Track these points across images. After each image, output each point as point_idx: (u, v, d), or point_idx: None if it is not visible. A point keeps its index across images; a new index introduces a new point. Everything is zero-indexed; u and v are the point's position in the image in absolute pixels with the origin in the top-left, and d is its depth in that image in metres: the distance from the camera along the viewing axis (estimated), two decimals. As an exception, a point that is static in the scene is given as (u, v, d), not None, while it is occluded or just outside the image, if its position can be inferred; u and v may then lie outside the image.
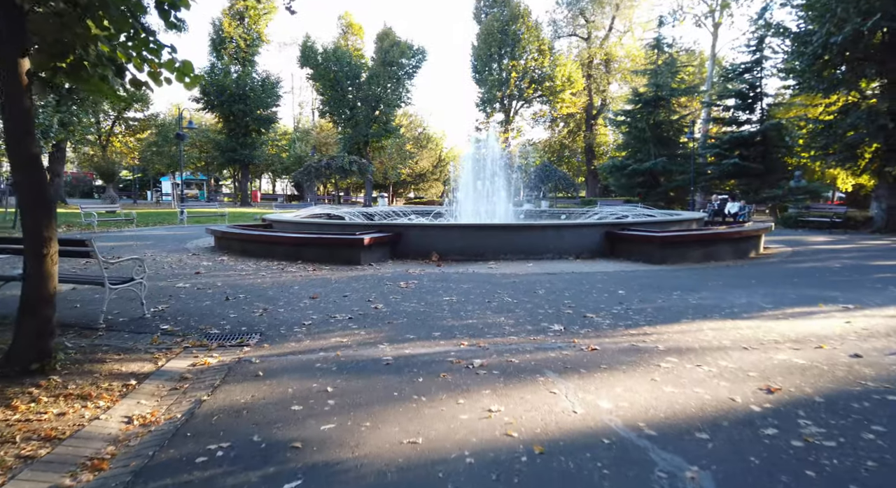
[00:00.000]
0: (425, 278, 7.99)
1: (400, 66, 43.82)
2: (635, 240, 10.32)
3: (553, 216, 19.44)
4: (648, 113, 28.34)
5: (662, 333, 4.87)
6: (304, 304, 6.04)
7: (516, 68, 45.13)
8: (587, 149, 51.71)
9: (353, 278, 7.95)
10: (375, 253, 9.92)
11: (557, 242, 10.62)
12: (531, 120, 52.64)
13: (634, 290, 7.09)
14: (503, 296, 6.63)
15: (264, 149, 47.81)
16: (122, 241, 13.52)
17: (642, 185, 28.57)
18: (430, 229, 10.53)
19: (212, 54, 44.35)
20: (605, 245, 10.84)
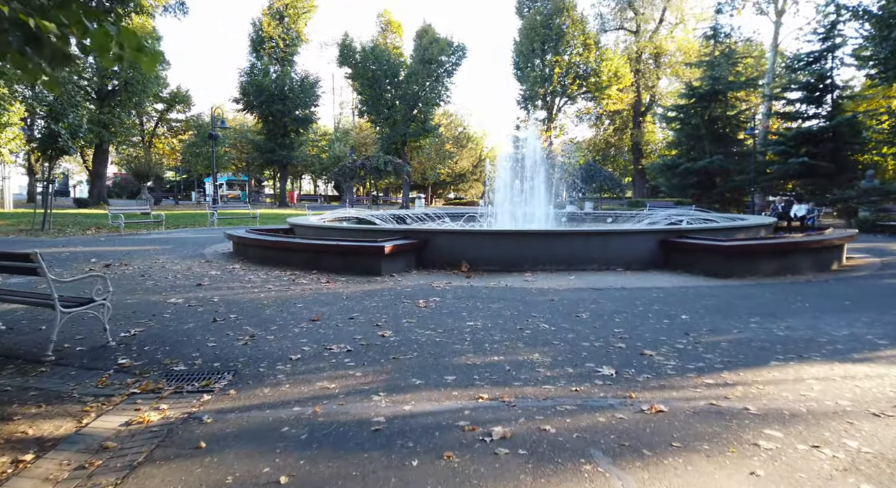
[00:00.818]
0: (449, 294, 6.98)
1: (439, 64, 42.99)
2: (696, 249, 9.03)
3: (598, 219, 18.15)
4: (703, 108, 26.49)
5: (749, 384, 3.70)
6: (300, 329, 5.13)
7: (560, 64, 43.60)
8: (634, 148, 49.62)
9: (367, 293, 7.02)
10: (398, 262, 8.99)
11: (603, 251, 9.43)
12: (575, 117, 50.96)
13: (700, 314, 5.88)
14: (539, 320, 5.55)
15: (303, 150, 47.79)
16: (140, 245, 13.06)
17: (696, 186, 26.72)
18: (459, 236, 9.53)
19: (251, 54, 44.64)
20: (659, 254, 9.58)
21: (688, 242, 9.15)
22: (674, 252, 9.50)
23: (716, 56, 27.35)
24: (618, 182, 29.05)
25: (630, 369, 4.03)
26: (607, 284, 7.89)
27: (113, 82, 36.24)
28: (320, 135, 65.88)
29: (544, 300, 6.65)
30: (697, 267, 9.01)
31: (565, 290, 7.39)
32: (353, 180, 33.63)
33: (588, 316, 5.78)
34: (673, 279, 8.44)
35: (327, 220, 14.18)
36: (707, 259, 8.84)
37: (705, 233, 9.87)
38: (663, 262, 9.59)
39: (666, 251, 9.58)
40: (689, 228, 10.13)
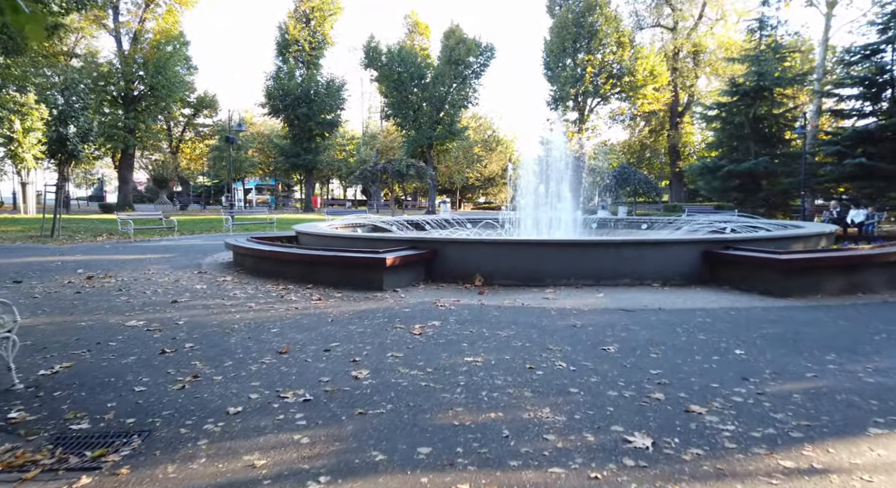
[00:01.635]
0: (453, 317, 6.00)
1: (466, 65, 42.14)
2: (746, 262, 7.83)
3: (631, 226, 16.92)
4: (747, 105, 24.89)
5: (848, 470, 2.62)
6: (258, 366, 4.22)
7: (592, 63, 42.22)
8: (671, 150, 47.75)
9: (358, 314, 6.10)
10: (403, 275, 8.06)
11: (637, 264, 8.31)
12: (608, 118, 49.37)
13: (759, 348, 4.77)
14: (555, 355, 4.53)
15: (328, 154, 47.51)
16: (142, 253, 12.48)
17: (739, 189, 25.11)
18: (472, 246, 8.54)
19: (277, 58, 44.60)
20: (703, 268, 8.41)
21: (737, 254, 7.96)
22: (720, 265, 8.33)
23: (761, 50, 25.71)
24: (653, 185, 27.60)
25: (672, 437, 2.98)
26: (641, 304, 6.79)
27: (139, 87, 36.54)
28: (348, 139, 65.82)
29: (564, 326, 5.61)
30: (748, 283, 7.82)
31: (591, 312, 6.33)
32: (374, 184, 32.96)
33: (617, 349, 4.73)
34: (720, 298, 7.28)
35: (339, 227, 13.39)
36: (760, 274, 7.64)
37: (756, 244, 8.64)
38: (707, 277, 8.42)
39: (710, 264, 8.41)
40: (737, 238, 8.91)
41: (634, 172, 27.36)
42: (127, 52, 35.81)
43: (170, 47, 39.45)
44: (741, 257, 7.88)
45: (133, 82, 35.83)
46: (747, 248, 8.20)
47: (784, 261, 7.22)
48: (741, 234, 9.97)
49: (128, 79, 35.27)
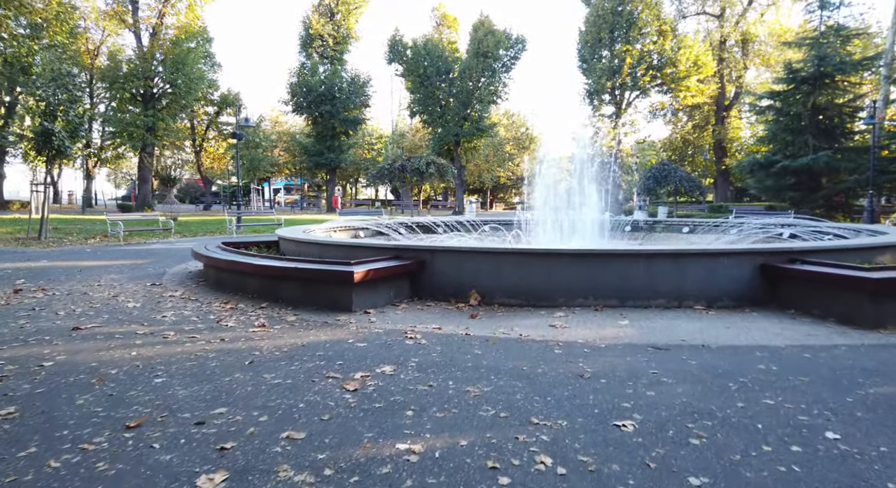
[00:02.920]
0: (417, 358, 4.48)
1: (495, 58, 40.49)
2: (820, 280, 6.08)
3: (670, 229, 15.08)
4: (805, 94, 22.56)
5: None
6: (64, 462, 2.80)
7: (630, 53, 39.97)
8: (717, 146, 44.99)
9: (293, 352, 4.65)
10: (380, 292, 6.60)
11: (675, 280, 6.64)
12: (648, 113, 46.84)
13: (864, 425, 3.12)
14: (539, 441, 2.97)
15: (352, 153, 46.58)
16: (113, 259, 11.40)
17: (794, 188, 22.79)
18: (468, 256, 7.00)
19: (301, 53, 43.91)
20: (759, 285, 6.68)
21: (807, 270, 6.19)
22: (782, 283, 6.58)
23: (822, 31, 23.31)
24: (697, 184, 25.41)
25: None
26: (678, 338, 5.16)
27: (158, 85, 36.24)
28: (376, 138, 65.01)
29: (567, 376, 4.04)
30: (822, 307, 6.08)
31: (608, 350, 4.74)
32: (392, 183, 31.73)
33: (638, 425, 3.15)
34: (785, 329, 5.57)
35: (337, 231, 12.09)
36: (839, 296, 5.89)
37: (830, 255, 6.83)
38: (765, 297, 6.69)
39: (770, 281, 6.67)
40: (805, 247, 7.09)
41: (675, 169, 25.23)
42: (146, 49, 35.53)
43: (192, 43, 39.14)
44: (813, 274, 6.11)
45: (152, 79, 35.52)
46: (820, 262, 6.42)
47: (877, 281, 5.44)
48: (809, 243, 8.12)
49: (146, 76, 34.96)
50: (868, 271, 5.74)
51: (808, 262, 6.52)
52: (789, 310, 6.41)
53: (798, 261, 6.62)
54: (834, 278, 5.89)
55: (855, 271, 5.83)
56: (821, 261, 6.43)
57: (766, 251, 6.81)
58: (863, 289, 5.60)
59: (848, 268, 6.01)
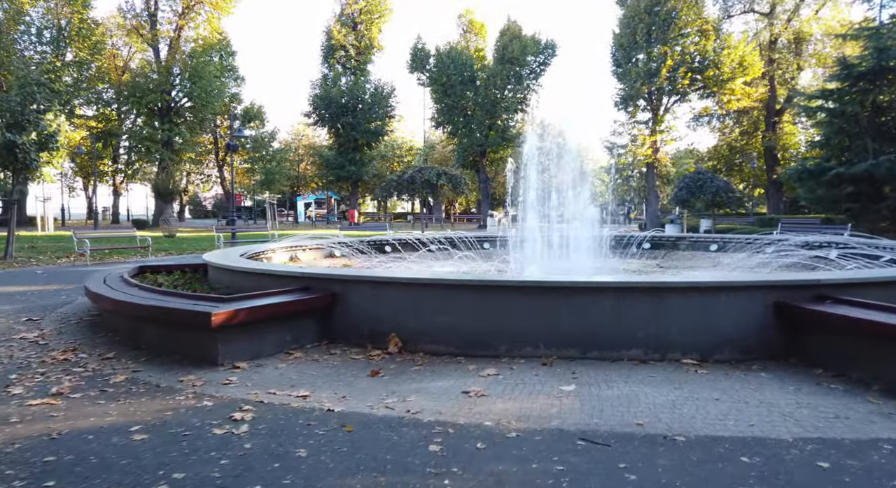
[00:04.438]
0: (193, 468, 3.05)
1: (521, 64, 38.96)
2: (861, 329, 4.33)
3: (696, 246, 13.28)
4: (863, 91, 20.15)
5: None
6: None
7: (669, 55, 37.73)
8: (767, 154, 42.03)
9: (24, 453, 3.29)
10: (266, 337, 5.19)
11: (655, 322, 4.99)
12: (691, 119, 44.25)
13: None
14: None
15: (374, 165, 45.78)
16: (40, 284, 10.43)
17: (851, 198, 20.30)
18: (386, 288, 5.51)
19: (323, 64, 43.56)
20: (776, 333, 4.98)
21: (840, 315, 4.44)
22: (807, 329, 4.85)
23: (883, 22, 20.90)
24: (737, 194, 23.11)
25: None
26: (634, 419, 3.56)
27: (176, 98, 36.30)
28: (405, 150, 64.30)
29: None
30: (862, 368, 4.35)
31: (516, 442, 3.19)
32: (399, 196, 30.53)
33: None
34: (802, 403, 3.88)
35: (285, 249, 10.90)
36: (890, 354, 4.15)
37: (876, 291, 5.04)
38: (784, 348, 4.98)
39: (789, 326, 4.95)
40: (839, 279, 5.26)
41: (711, 179, 23.00)
42: (165, 62, 35.70)
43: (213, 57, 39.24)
44: (849, 320, 4.36)
45: (168, 93, 35.60)
46: (861, 302, 4.65)
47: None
48: (844, 273, 6.21)
49: (162, 89, 35.03)
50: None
51: (842, 301, 4.77)
52: (815, 369, 4.67)
53: (829, 300, 4.87)
54: (883, 328, 4.14)
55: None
56: (862, 301, 4.66)
57: (784, 284, 5.06)
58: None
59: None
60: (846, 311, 4.46)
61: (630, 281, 5.10)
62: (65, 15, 36.68)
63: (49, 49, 37.65)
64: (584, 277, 6.03)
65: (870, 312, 4.37)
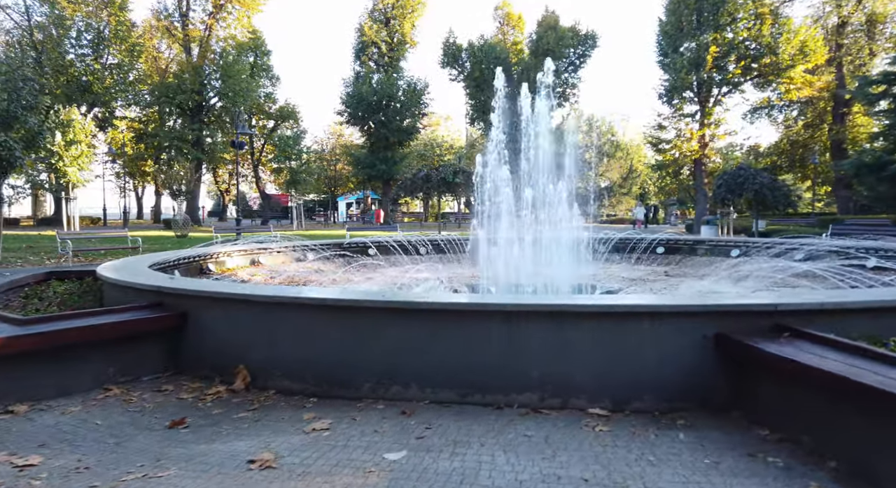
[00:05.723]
0: None
1: (558, 56, 37.43)
2: (811, 381, 3.12)
3: (716, 250, 11.86)
4: (931, 74, 17.87)
5: None
6: None
7: (718, 42, 35.30)
8: (835, 148, 38.80)
9: None
10: (80, 368, 4.37)
11: (556, 358, 3.90)
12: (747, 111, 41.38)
13: None
14: None
15: (406, 163, 45.18)
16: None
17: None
18: (241, 307, 4.61)
19: (355, 62, 43.33)
20: (714, 374, 3.80)
21: (781, 358, 3.23)
22: (751, 372, 3.65)
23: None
24: (783, 192, 20.94)
25: None
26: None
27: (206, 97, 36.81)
28: (445, 149, 63.60)
29: None
30: (816, 432, 3.14)
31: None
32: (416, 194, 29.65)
33: None
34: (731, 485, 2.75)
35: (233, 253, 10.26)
36: (846, 418, 2.94)
37: (856, 319, 3.77)
38: (725, 396, 3.79)
39: (732, 366, 3.75)
40: (804, 304, 3.88)
41: (754, 175, 20.90)
42: (195, 61, 36.26)
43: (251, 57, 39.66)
44: (799, 367, 3.15)
45: (199, 93, 36.09)
46: (823, 338, 3.41)
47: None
48: (815, 295, 4.76)
49: (193, 89, 35.54)
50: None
51: (803, 336, 3.54)
52: (760, 429, 3.48)
53: (788, 332, 3.65)
54: (838, 382, 2.92)
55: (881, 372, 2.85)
56: (827, 338, 3.42)
57: (728, 310, 3.84)
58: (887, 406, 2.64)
59: (875, 361, 3.03)
60: (795, 353, 3.24)
61: (524, 302, 4.01)
62: (102, 18, 37.85)
63: (89, 52, 38.95)
64: (465, 297, 4.86)
65: (829, 355, 3.16)
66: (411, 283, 8.69)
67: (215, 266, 9.85)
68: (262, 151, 47.39)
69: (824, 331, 3.63)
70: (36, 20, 37.86)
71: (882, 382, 2.63)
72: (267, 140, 46.36)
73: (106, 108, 40.21)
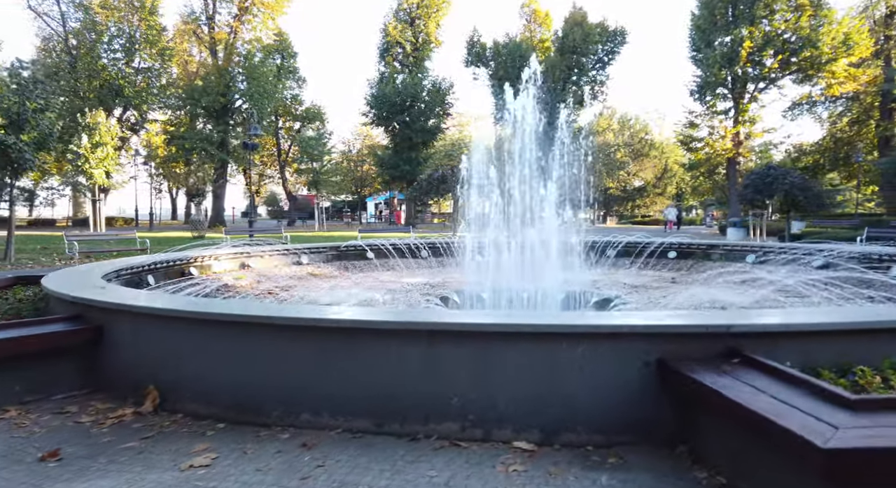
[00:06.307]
0: None
1: (584, 53, 36.60)
2: (741, 419, 2.65)
3: (731, 255, 11.21)
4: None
5: None
6: None
7: (753, 36, 33.91)
8: (883, 145, 36.89)
9: None
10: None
11: (479, 384, 3.50)
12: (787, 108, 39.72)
13: None
14: None
15: (431, 164, 44.91)
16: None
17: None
18: (148, 321, 4.28)
19: (379, 62, 43.31)
20: (658, 404, 3.34)
21: (712, 390, 2.77)
22: (692, 403, 3.19)
23: None
24: (816, 192, 19.72)
25: None
26: None
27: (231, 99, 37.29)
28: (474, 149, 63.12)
29: None
30: (756, 476, 2.68)
31: None
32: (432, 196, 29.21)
33: None
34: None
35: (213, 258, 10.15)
36: (777, 463, 2.48)
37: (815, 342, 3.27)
38: (671, 429, 3.33)
39: (676, 396, 3.29)
40: (760, 326, 3.35)
41: (784, 174, 19.76)
42: (221, 63, 36.77)
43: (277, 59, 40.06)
44: (723, 401, 2.69)
45: (224, 95, 36.58)
46: (771, 368, 2.93)
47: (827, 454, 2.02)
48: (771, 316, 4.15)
49: (218, 91, 36.03)
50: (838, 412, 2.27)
51: (754, 364, 3.06)
52: (699, 470, 3.02)
53: (738, 358, 3.18)
54: (762, 424, 2.45)
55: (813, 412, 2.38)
56: (776, 368, 2.94)
57: (672, 332, 3.37)
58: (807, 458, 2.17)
59: (816, 397, 2.55)
60: (730, 385, 2.77)
61: (444, 321, 3.61)
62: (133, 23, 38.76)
63: (121, 56, 39.94)
64: (382, 313, 4.37)
65: (772, 388, 2.68)
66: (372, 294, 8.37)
67: (198, 270, 9.73)
68: (288, 152, 47.83)
69: (790, 355, 3.17)
70: (70, 26, 39.02)
71: (805, 426, 2.16)
72: (293, 141, 46.76)
73: (138, 111, 41.14)
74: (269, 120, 41.37)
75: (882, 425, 2.16)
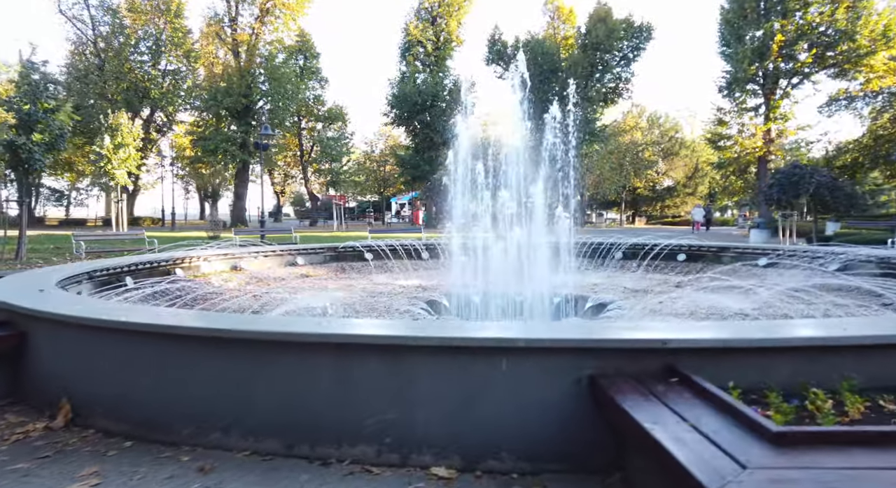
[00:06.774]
0: None
1: (608, 50, 35.78)
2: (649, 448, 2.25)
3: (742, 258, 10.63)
4: None
5: None
6: None
7: (786, 29, 32.61)
8: (925, 142, 35.07)
9: None
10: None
11: (395, 402, 3.16)
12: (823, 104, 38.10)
13: None
14: None
15: (451, 164, 44.63)
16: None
17: None
18: (63, 329, 4.00)
19: (401, 62, 43.16)
20: (592, 426, 2.94)
21: (633, 424, 2.37)
22: (623, 433, 2.78)
23: None
24: (846, 192, 18.66)
25: None
26: None
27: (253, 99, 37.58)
28: (498, 148, 62.64)
29: None
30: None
31: None
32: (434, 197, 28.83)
33: None
34: None
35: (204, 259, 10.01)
36: None
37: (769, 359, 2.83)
38: (608, 455, 2.93)
39: (609, 422, 2.89)
40: (701, 341, 2.90)
41: (812, 173, 18.72)
42: (243, 64, 37.10)
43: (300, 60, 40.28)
44: (639, 432, 2.29)
45: (246, 95, 36.88)
46: (703, 392, 2.51)
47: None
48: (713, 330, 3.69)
49: (240, 92, 36.35)
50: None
51: (691, 385, 2.65)
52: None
53: (678, 378, 2.76)
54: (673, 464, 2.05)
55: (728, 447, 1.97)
56: (709, 392, 2.52)
57: (605, 346, 2.97)
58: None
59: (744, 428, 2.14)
60: (646, 410, 2.37)
61: (355, 332, 3.27)
62: (160, 26, 39.44)
63: (147, 58, 40.67)
64: (283, 324, 3.96)
65: (699, 416, 2.27)
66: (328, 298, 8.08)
67: (187, 272, 9.59)
68: (310, 153, 48.09)
69: (742, 373, 2.77)
70: (99, 30, 39.89)
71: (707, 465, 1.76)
72: (315, 142, 47.01)
73: (164, 113, 41.80)
74: (293, 120, 41.60)
75: (798, 466, 1.74)
